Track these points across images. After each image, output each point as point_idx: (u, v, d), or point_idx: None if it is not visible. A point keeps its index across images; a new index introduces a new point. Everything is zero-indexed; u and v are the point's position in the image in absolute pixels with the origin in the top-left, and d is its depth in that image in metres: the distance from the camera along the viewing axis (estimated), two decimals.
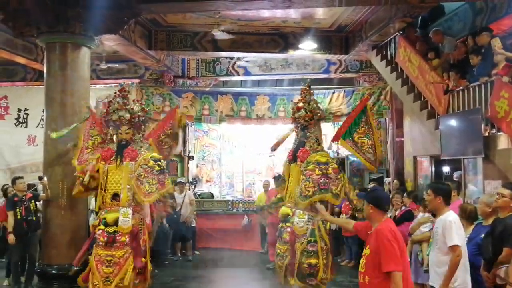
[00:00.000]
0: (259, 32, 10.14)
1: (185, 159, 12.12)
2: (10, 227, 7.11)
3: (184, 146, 11.92)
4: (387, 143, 10.80)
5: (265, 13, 8.86)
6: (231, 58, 11.64)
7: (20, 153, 11.56)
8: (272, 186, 9.47)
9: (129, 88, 10.51)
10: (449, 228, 4.14)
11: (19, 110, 11.74)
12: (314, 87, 7.21)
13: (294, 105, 6.21)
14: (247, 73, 11.83)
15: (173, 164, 11.52)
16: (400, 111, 10.34)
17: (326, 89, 11.81)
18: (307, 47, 10.17)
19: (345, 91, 11.57)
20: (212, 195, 11.99)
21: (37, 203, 7.40)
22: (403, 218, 6.84)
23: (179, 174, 11.74)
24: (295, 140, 6.25)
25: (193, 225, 10.32)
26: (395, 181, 9.58)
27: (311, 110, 5.95)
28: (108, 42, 8.69)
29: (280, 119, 11.76)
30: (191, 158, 12.25)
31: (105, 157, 5.67)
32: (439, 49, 8.13)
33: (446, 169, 8.80)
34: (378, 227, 3.55)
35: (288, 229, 5.90)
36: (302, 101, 6.08)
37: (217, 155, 13.30)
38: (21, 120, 11.76)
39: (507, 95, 5.79)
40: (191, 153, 12.40)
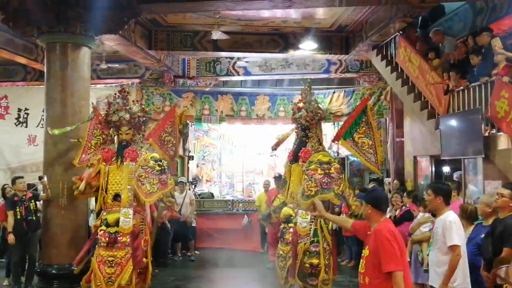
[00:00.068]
0: (259, 32, 10.13)
1: (185, 159, 12.13)
2: (10, 227, 7.11)
3: (184, 145, 11.86)
4: (387, 143, 10.79)
5: (265, 13, 8.85)
6: (231, 58, 11.64)
7: (20, 152, 11.56)
8: (272, 186, 9.47)
9: (129, 88, 10.59)
10: (449, 228, 4.16)
11: (19, 110, 11.74)
12: (314, 87, 7.21)
13: (295, 106, 6.21)
14: (247, 73, 11.83)
15: (173, 164, 11.51)
16: (400, 111, 10.34)
17: (326, 89, 11.80)
18: (307, 47, 10.16)
19: (345, 91, 11.56)
20: (212, 195, 12.01)
21: (37, 203, 7.39)
22: (403, 218, 6.84)
23: (179, 174, 11.74)
24: (295, 140, 6.25)
25: (193, 225, 10.33)
26: (395, 181, 9.57)
27: (312, 110, 5.93)
28: (108, 42, 8.69)
29: (280, 119, 11.75)
30: (191, 158, 12.26)
31: (105, 158, 5.69)
32: (439, 49, 8.13)
33: (446, 169, 8.80)
34: (377, 227, 3.55)
35: (290, 229, 5.88)
36: (302, 101, 6.08)
37: (217, 155, 13.31)
38: (21, 120, 11.76)
39: (507, 95, 5.79)
40: (191, 153, 12.40)
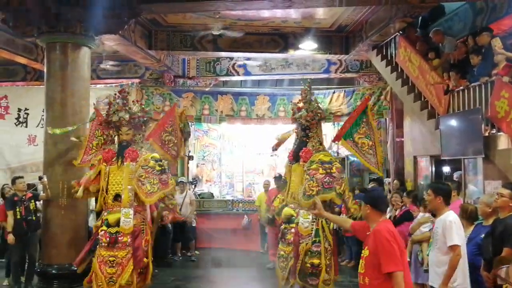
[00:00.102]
0: (259, 32, 10.13)
1: (185, 159, 12.11)
2: (10, 227, 7.11)
3: (186, 143, 11.82)
4: (387, 143, 10.78)
5: (265, 13, 8.85)
6: (231, 58, 11.63)
7: (20, 152, 11.56)
8: (272, 186, 9.47)
9: (129, 88, 10.60)
10: (449, 228, 4.16)
11: (19, 110, 11.74)
12: (314, 87, 7.20)
13: (294, 106, 6.20)
14: (247, 73, 11.83)
15: (174, 164, 11.50)
16: (400, 111, 10.33)
17: (326, 89, 11.79)
18: (307, 47, 10.16)
19: (345, 91, 11.55)
20: (212, 195, 12.00)
21: (37, 203, 7.40)
22: (403, 218, 6.84)
23: (179, 174, 11.73)
24: (295, 140, 6.24)
25: (193, 225, 10.33)
26: (395, 181, 9.56)
27: (312, 110, 5.92)
28: (108, 42, 8.69)
29: (280, 119, 11.75)
30: (191, 158, 12.24)
31: (106, 158, 5.69)
32: (439, 49, 8.13)
33: (446, 169, 8.79)
34: (376, 228, 3.54)
35: (292, 230, 5.81)
36: (302, 101, 6.07)
37: (217, 155, 13.29)
38: (21, 119, 11.76)
39: (507, 95, 5.79)
40: (191, 153, 12.40)
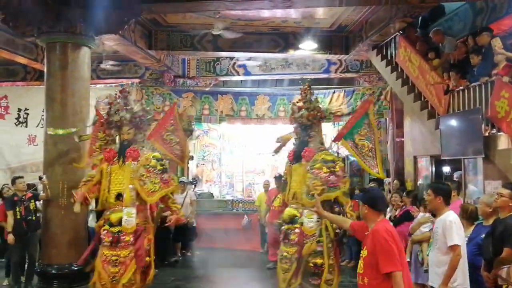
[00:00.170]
0: (259, 32, 10.14)
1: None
2: (10, 227, 7.11)
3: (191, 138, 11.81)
4: (387, 143, 10.79)
5: (265, 13, 8.85)
6: (231, 58, 11.63)
7: (20, 152, 11.58)
8: (272, 186, 9.46)
9: (129, 88, 10.58)
10: (449, 228, 4.16)
11: (19, 110, 11.76)
12: (314, 87, 7.19)
13: (294, 105, 6.17)
14: (247, 73, 11.82)
15: (173, 164, 11.49)
16: (400, 111, 10.33)
17: (326, 89, 11.80)
18: (307, 47, 10.15)
19: (345, 91, 11.56)
20: (212, 195, 12.00)
21: (37, 202, 7.40)
22: (402, 218, 6.82)
23: (179, 174, 11.73)
24: (295, 140, 6.22)
25: (193, 225, 10.33)
26: (395, 181, 9.55)
27: (313, 109, 5.91)
28: (108, 42, 8.69)
29: (280, 119, 11.75)
30: (191, 158, 12.23)
31: (107, 158, 5.70)
32: (439, 49, 8.12)
33: (446, 169, 8.80)
34: (374, 227, 3.53)
35: (296, 230, 5.69)
36: (302, 101, 6.05)
37: (217, 155, 13.29)
38: (21, 119, 11.77)
39: (507, 95, 5.79)
40: (191, 153, 12.39)
